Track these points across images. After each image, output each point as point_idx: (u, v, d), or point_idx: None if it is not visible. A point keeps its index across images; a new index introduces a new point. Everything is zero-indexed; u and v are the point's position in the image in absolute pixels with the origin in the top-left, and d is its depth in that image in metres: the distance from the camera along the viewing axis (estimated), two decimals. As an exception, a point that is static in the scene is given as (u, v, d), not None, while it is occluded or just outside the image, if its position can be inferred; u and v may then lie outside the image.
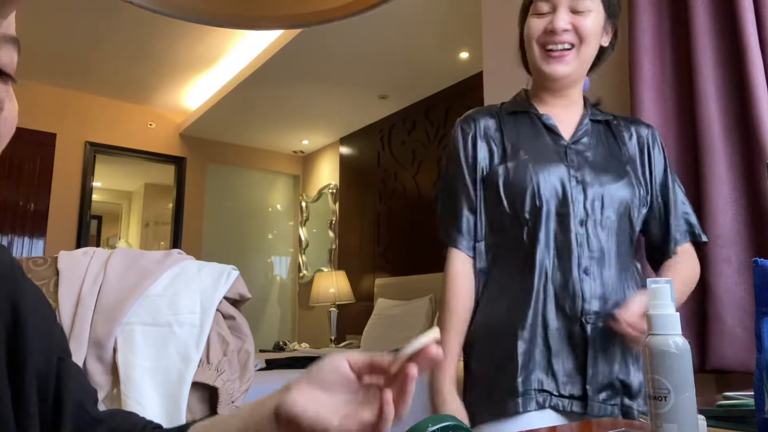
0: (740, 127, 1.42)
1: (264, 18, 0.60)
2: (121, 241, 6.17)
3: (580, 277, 1.02)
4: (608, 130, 1.16)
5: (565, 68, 1.09)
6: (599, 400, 0.99)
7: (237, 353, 1.52)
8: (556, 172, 1.06)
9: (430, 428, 0.43)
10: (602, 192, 1.06)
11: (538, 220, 1.05)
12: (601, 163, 1.10)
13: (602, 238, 1.05)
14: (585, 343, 1.00)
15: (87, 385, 0.56)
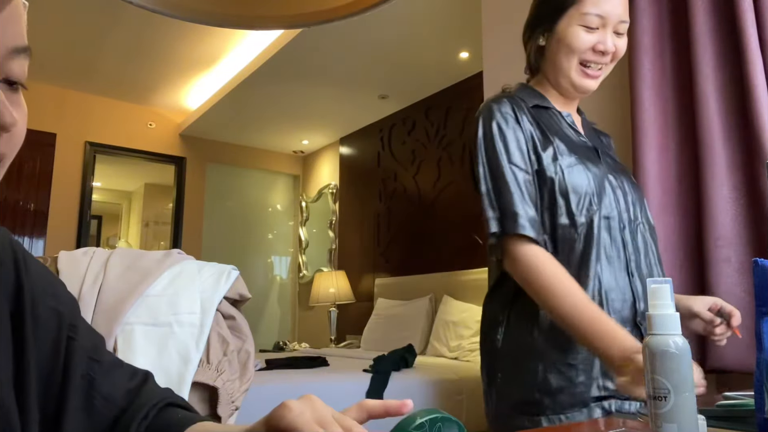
0: (740, 127, 1.42)
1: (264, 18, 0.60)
2: (121, 241, 6.17)
3: (630, 280, 1.04)
4: (597, 135, 1.23)
5: (595, 85, 1.11)
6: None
7: (237, 353, 1.52)
8: (599, 175, 1.07)
9: (419, 420, 0.43)
10: (630, 194, 1.10)
11: (592, 224, 1.03)
12: (616, 165, 1.15)
13: (639, 239, 1.07)
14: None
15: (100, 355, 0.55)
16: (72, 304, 0.55)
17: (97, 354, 0.55)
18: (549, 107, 1.13)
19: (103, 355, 0.56)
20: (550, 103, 1.14)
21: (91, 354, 0.54)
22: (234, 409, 1.44)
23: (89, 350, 0.54)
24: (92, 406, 0.52)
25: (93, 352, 0.54)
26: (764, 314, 0.62)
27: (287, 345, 4.66)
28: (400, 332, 3.75)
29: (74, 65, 4.25)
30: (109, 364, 0.56)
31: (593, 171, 1.06)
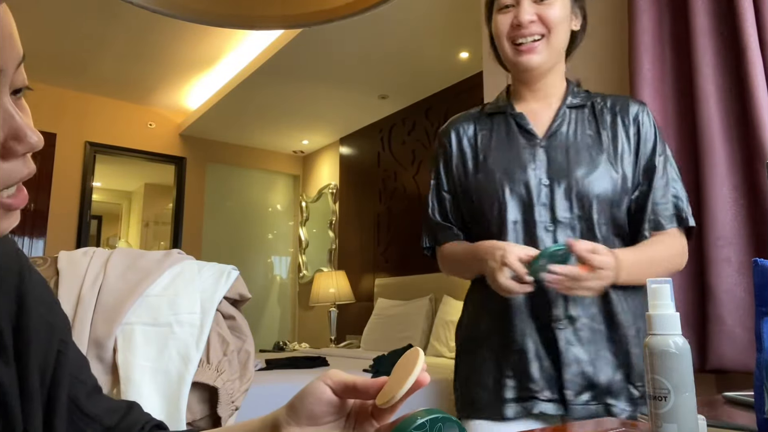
0: (740, 127, 1.42)
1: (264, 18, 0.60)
2: (121, 241, 6.17)
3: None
4: (590, 114, 1.11)
5: (537, 57, 1.08)
6: (581, 402, 1.00)
7: (237, 353, 1.52)
8: (522, 178, 1.06)
9: (419, 420, 0.43)
10: (574, 190, 1.04)
11: (504, 231, 1.06)
12: (576, 156, 1.06)
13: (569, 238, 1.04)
14: (557, 346, 1.02)
15: (85, 377, 0.56)
16: (65, 321, 0.55)
17: (82, 375, 0.55)
18: (504, 111, 1.15)
19: (88, 377, 0.56)
20: (508, 108, 1.15)
21: (77, 374, 0.54)
22: (234, 409, 1.44)
23: (75, 369, 0.54)
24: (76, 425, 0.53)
25: (78, 371, 0.55)
26: (764, 314, 0.62)
27: (287, 345, 4.66)
28: (400, 332, 3.75)
29: (74, 65, 4.25)
30: (93, 386, 0.56)
31: (515, 177, 1.07)
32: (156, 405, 1.32)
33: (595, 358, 1.02)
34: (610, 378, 1.01)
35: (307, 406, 0.50)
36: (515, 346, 1.05)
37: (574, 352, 1.01)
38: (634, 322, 1.04)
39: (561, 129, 1.10)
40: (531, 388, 1.03)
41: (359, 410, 0.52)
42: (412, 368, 0.46)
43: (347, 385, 0.50)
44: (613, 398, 1.01)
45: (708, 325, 1.38)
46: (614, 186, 1.05)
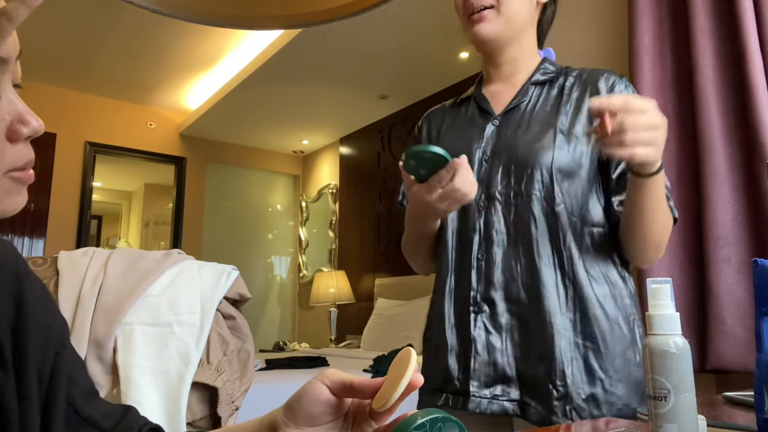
0: (740, 127, 1.42)
1: (264, 18, 0.60)
2: (121, 241, 6.17)
3: (473, 264, 0.97)
4: (557, 90, 1.03)
5: (486, 26, 1.03)
6: (488, 395, 0.92)
7: (237, 353, 1.52)
8: (465, 152, 0.98)
9: (419, 420, 0.43)
10: (512, 166, 0.97)
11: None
12: (525, 130, 0.99)
13: (510, 218, 0.96)
14: (470, 334, 0.95)
15: (81, 380, 0.56)
16: (64, 324, 0.56)
17: (79, 378, 0.55)
18: (467, 98, 1.13)
19: (85, 380, 0.57)
20: (471, 92, 1.13)
21: (74, 376, 0.54)
22: (234, 409, 1.44)
23: (72, 372, 0.54)
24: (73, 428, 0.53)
25: (76, 374, 0.55)
26: (764, 314, 0.61)
27: (287, 345, 4.66)
28: (400, 332, 3.75)
29: (74, 65, 4.25)
30: (90, 389, 0.57)
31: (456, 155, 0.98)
32: (156, 405, 1.32)
33: (512, 347, 0.93)
34: (526, 372, 0.91)
35: (305, 406, 0.50)
36: (437, 333, 1.01)
37: (487, 339, 0.94)
38: (567, 311, 0.91)
39: (519, 105, 1.03)
40: (438, 379, 0.98)
41: (357, 410, 0.52)
42: (405, 370, 0.46)
43: (345, 384, 0.50)
44: (529, 396, 0.91)
45: (708, 325, 1.38)
46: (566, 158, 0.94)
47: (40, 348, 0.50)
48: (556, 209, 0.94)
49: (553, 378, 0.89)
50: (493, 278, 0.95)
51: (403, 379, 0.46)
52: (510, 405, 0.92)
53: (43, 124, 0.47)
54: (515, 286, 0.94)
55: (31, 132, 0.46)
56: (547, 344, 0.90)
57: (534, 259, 0.94)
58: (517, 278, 0.94)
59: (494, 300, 0.95)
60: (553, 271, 0.93)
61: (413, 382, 0.47)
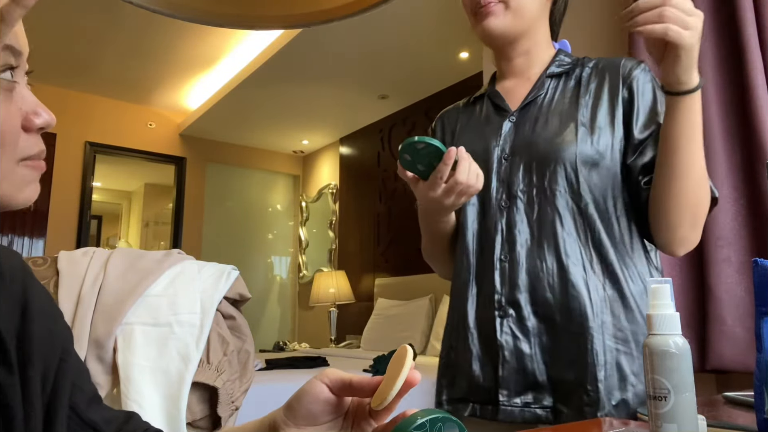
0: (740, 127, 1.42)
1: (264, 18, 0.60)
2: (121, 241, 6.17)
3: (496, 266, 0.93)
4: (574, 82, 0.99)
5: (494, 21, 0.98)
6: (519, 404, 0.89)
7: (237, 353, 1.52)
8: (483, 156, 0.98)
9: (420, 420, 0.43)
10: (533, 164, 0.94)
11: (463, 211, 1.00)
12: (544, 124, 0.96)
13: (534, 217, 0.93)
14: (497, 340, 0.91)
15: (85, 386, 0.56)
16: (67, 332, 0.56)
17: (82, 383, 0.56)
18: (480, 96, 1.09)
19: (88, 385, 0.57)
20: (485, 90, 1.09)
21: (77, 381, 0.55)
22: (234, 409, 1.44)
23: (76, 377, 0.55)
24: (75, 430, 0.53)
25: (79, 379, 0.55)
26: (764, 314, 0.61)
27: (287, 345, 4.66)
28: (400, 332, 3.75)
29: (74, 65, 4.25)
30: (93, 395, 0.57)
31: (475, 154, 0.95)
32: (156, 405, 1.32)
33: (541, 352, 0.89)
34: (557, 377, 0.88)
35: (305, 406, 0.50)
36: (459, 339, 0.97)
37: (515, 344, 0.90)
38: (600, 312, 0.87)
39: (536, 100, 1.00)
40: (463, 387, 0.95)
41: (357, 410, 0.53)
42: (401, 368, 0.47)
43: (344, 383, 0.50)
44: (561, 402, 0.87)
45: (708, 325, 1.38)
46: (589, 151, 0.91)
47: (45, 354, 0.51)
48: (582, 205, 0.91)
49: (585, 383, 0.85)
50: (517, 280, 0.91)
51: (399, 377, 0.46)
52: (542, 412, 0.88)
53: (55, 117, 0.49)
54: (541, 287, 0.90)
55: (44, 123, 0.49)
56: (578, 347, 0.87)
57: (561, 259, 0.90)
58: (543, 279, 0.90)
59: (520, 303, 0.91)
60: (583, 270, 0.89)
61: (410, 379, 0.47)
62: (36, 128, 0.48)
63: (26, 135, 0.47)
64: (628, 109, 0.94)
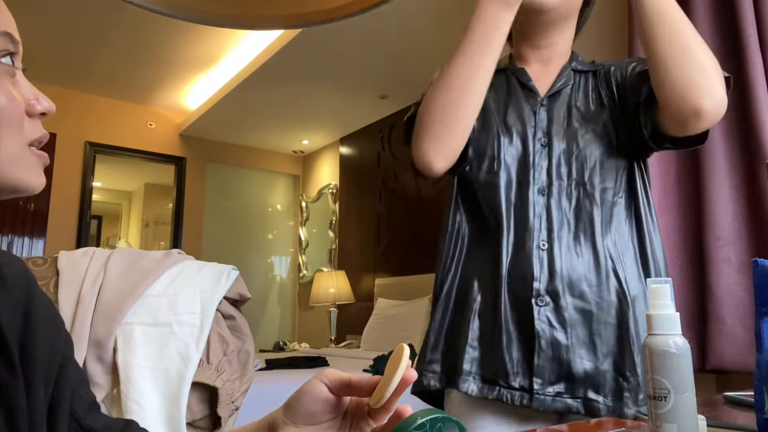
0: (740, 127, 1.42)
1: (264, 18, 0.60)
2: (121, 241, 6.17)
3: (534, 254, 0.93)
4: (595, 82, 1.03)
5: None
6: (552, 393, 0.90)
7: (237, 353, 1.52)
8: (520, 136, 0.98)
9: (420, 420, 0.43)
10: (574, 154, 0.96)
11: (497, 190, 0.98)
12: (577, 120, 0.99)
13: (567, 208, 0.95)
14: (534, 328, 0.91)
15: (84, 392, 0.56)
16: (68, 339, 0.56)
17: (81, 390, 0.56)
18: (504, 69, 1.08)
19: (87, 393, 0.57)
20: (509, 66, 1.08)
21: (77, 388, 0.55)
22: (234, 409, 1.44)
23: (76, 384, 0.55)
24: None
25: (79, 386, 0.56)
26: (764, 314, 0.61)
27: (287, 345, 4.66)
28: (400, 332, 3.75)
29: (74, 65, 4.25)
30: (91, 402, 0.57)
31: (512, 133, 0.98)
32: (156, 405, 1.32)
33: (577, 342, 0.90)
34: (593, 367, 0.89)
35: (304, 405, 0.50)
36: (488, 323, 0.95)
37: (552, 334, 0.90)
38: (635, 302, 0.91)
39: (564, 90, 1.02)
40: (495, 371, 0.93)
41: (356, 409, 0.53)
42: (397, 366, 0.47)
43: (343, 382, 0.50)
44: (594, 392, 0.89)
45: (708, 325, 1.38)
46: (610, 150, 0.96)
47: (46, 359, 0.51)
48: (615, 199, 0.95)
49: (624, 371, 0.88)
50: (557, 269, 0.92)
51: (395, 375, 0.46)
52: (574, 402, 0.89)
53: (54, 104, 0.50)
54: (579, 278, 0.92)
55: (45, 109, 0.49)
56: (617, 338, 0.90)
57: (598, 250, 0.92)
58: (582, 270, 0.92)
59: (558, 293, 0.91)
60: (621, 262, 0.93)
61: (406, 377, 0.47)
62: (38, 113, 0.49)
63: (29, 119, 0.49)
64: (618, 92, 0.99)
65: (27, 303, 0.50)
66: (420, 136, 0.94)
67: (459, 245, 1.03)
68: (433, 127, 0.93)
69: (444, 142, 0.93)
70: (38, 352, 0.50)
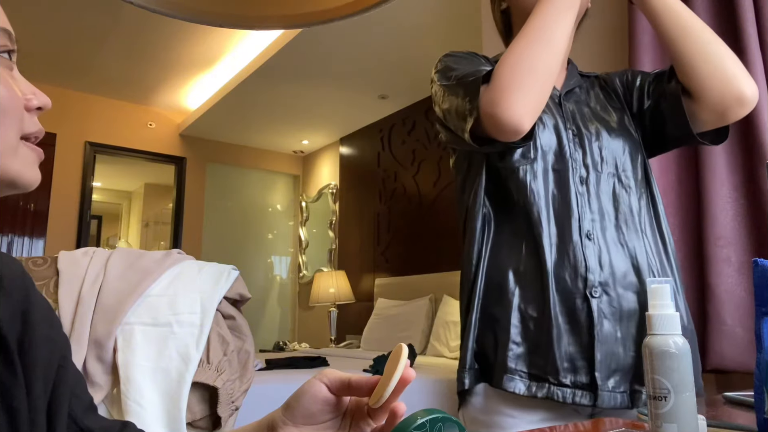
0: (740, 127, 1.42)
1: (264, 18, 0.60)
2: (121, 241, 6.17)
3: (582, 244, 0.91)
4: (600, 82, 1.08)
5: None
6: (608, 388, 0.88)
7: (237, 353, 1.52)
8: (552, 124, 0.97)
9: (419, 420, 0.43)
10: (601, 146, 0.97)
11: (535, 177, 0.94)
12: (598, 115, 1.01)
13: (604, 198, 0.94)
14: (591, 320, 0.88)
15: (82, 394, 0.56)
16: (65, 340, 0.57)
17: (79, 391, 0.56)
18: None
19: (85, 394, 0.57)
20: None
21: (75, 389, 0.55)
22: (234, 409, 1.44)
23: (74, 385, 0.55)
24: None
25: (77, 387, 0.56)
26: (764, 314, 0.62)
27: (287, 345, 4.66)
28: (400, 332, 3.75)
29: (74, 65, 4.25)
30: (89, 403, 0.57)
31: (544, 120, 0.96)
32: (156, 405, 1.32)
33: (625, 335, 0.89)
34: (638, 359, 0.89)
35: (304, 405, 0.50)
36: (535, 315, 0.91)
37: (606, 326, 0.88)
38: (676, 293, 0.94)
39: (575, 89, 1.04)
40: (544, 368, 0.89)
41: (355, 410, 0.53)
42: (396, 366, 0.47)
43: (343, 382, 0.50)
44: (639, 383, 0.89)
45: (708, 325, 1.38)
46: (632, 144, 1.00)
47: (45, 360, 0.51)
48: (648, 193, 0.99)
49: None
50: (604, 260, 0.90)
51: (394, 375, 0.46)
52: (623, 397, 0.89)
53: (50, 100, 0.51)
54: (627, 269, 0.91)
55: (41, 104, 0.49)
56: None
57: (643, 241, 0.94)
58: (627, 260, 0.92)
59: (609, 284, 0.90)
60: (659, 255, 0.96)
61: (405, 377, 0.47)
62: (34, 107, 0.49)
63: (27, 114, 0.49)
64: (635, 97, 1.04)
65: (25, 304, 0.51)
66: (506, 91, 0.84)
67: (487, 238, 0.99)
68: (525, 79, 0.84)
69: (535, 94, 0.85)
70: (37, 353, 0.50)
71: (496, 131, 0.86)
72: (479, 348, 0.96)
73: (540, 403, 0.91)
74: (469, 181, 1.04)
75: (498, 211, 1.00)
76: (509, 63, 0.86)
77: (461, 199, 1.06)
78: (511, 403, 0.92)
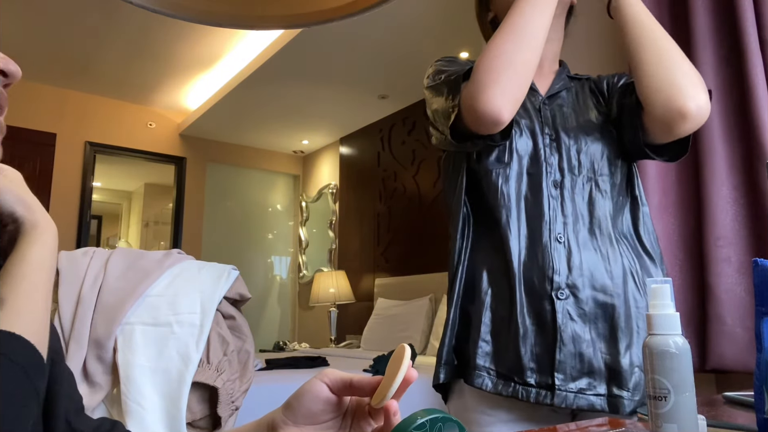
0: (740, 127, 1.42)
1: (264, 18, 0.60)
2: (121, 241, 6.17)
3: (551, 246, 0.92)
4: (590, 89, 1.07)
5: None
6: (574, 389, 0.88)
7: (237, 353, 1.52)
8: (528, 129, 0.98)
9: (419, 420, 0.43)
10: (579, 149, 0.97)
11: (506, 180, 0.96)
12: (580, 119, 1.00)
13: (579, 201, 0.95)
14: (555, 322, 0.89)
15: (73, 394, 0.56)
16: (57, 335, 0.56)
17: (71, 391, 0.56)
18: None
19: (76, 394, 0.57)
20: None
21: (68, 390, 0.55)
22: (234, 409, 1.44)
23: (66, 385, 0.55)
24: None
25: (69, 388, 0.55)
26: (764, 314, 0.61)
27: (287, 345, 4.66)
28: (400, 332, 3.75)
29: (74, 65, 4.25)
30: (79, 403, 0.57)
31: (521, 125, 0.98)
32: (156, 404, 1.32)
33: (597, 337, 0.89)
34: (614, 362, 0.89)
35: (305, 404, 0.50)
36: (502, 315, 0.93)
37: (572, 328, 0.89)
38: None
39: (562, 93, 1.04)
40: (510, 367, 0.91)
41: (356, 409, 0.53)
42: (399, 366, 0.47)
43: (344, 382, 0.50)
44: (618, 387, 0.88)
45: (708, 325, 1.38)
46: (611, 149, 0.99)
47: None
48: (624, 195, 0.99)
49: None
50: (574, 263, 0.91)
51: (397, 375, 0.46)
52: (597, 399, 0.88)
53: (19, 68, 0.48)
54: (600, 272, 0.91)
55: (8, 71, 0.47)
56: (638, 331, 0.90)
57: (614, 245, 0.94)
58: (602, 264, 0.92)
59: (578, 286, 0.90)
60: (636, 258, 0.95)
61: (407, 377, 0.48)
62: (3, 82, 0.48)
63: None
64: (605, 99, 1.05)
65: None
66: (485, 84, 0.86)
67: (467, 238, 1.01)
68: (503, 72, 0.87)
69: (513, 87, 0.87)
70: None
71: (476, 124, 0.89)
72: (458, 344, 0.99)
73: (515, 403, 0.93)
74: (452, 183, 1.06)
75: (476, 212, 1.02)
76: (488, 57, 0.89)
77: (446, 200, 1.09)
78: (486, 402, 0.95)
